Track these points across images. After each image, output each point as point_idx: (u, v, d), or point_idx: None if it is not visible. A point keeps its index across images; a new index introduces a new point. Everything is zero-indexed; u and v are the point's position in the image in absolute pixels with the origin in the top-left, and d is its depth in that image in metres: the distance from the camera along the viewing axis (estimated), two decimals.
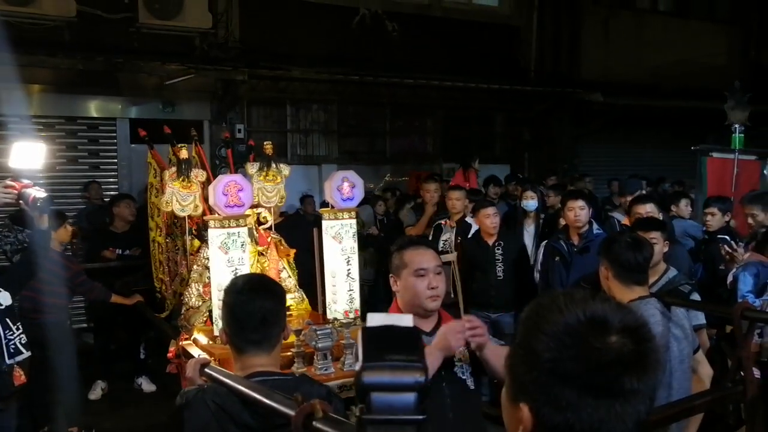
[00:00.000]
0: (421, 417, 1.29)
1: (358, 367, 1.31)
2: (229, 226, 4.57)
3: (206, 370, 2.57)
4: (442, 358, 2.88)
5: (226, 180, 4.64)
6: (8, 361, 4.63)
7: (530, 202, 8.01)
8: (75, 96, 9.75)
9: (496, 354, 2.89)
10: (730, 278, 5.51)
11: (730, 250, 5.71)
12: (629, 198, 7.13)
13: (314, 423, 1.85)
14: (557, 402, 1.22)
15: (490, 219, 6.73)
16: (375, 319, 1.42)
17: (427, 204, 8.15)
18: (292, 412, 1.93)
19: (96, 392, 7.61)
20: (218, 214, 4.62)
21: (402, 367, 1.31)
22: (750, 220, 6.24)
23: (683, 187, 11.67)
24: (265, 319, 2.51)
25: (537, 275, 6.85)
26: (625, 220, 6.91)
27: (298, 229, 6.13)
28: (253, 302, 2.51)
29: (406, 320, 1.42)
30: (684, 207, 8.00)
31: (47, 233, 4.91)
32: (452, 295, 6.89)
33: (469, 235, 7.16)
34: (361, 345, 1.35)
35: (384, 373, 1.30)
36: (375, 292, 8.89)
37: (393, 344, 1.35)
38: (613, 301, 1.31)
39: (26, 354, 4.79)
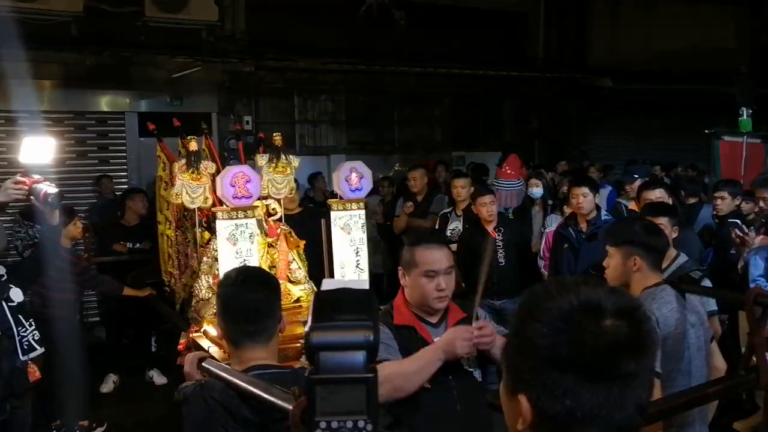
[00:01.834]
0: (370, 375, 1.29)
1: (307, 328, 1.31)
2: (237, 218, 4.57)
3: (203, 364, 2.53)
4: (443, 361, 2.86)
5: (234, 171, 4.63)
6: (22, 358, 4.65)
7: (535, 190, 8.01)
8: (83, 90, 9.77)
9: None
10: (741, 263, 5.49)
11: (741, 234, 5.68)
12: (634, 184, 7.10)
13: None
14: (555, 389, 1.21)
15: (486, 207, 6.69)
16: (329, 284, 1.42)
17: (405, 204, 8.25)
18: (289, 406, 1.91)
19: (108, 385, 7.66)
20: (226, 206, 4.62)
21: (351, 327, 1.31)
22: (762, 204, 6.20)
23: (697, 172, 11.63)
24: (260, 310, 2.50)
25: (540, 262, 6.85)
26: (632, 206, 6.88)
27: (314, 221, 6.11)
28: (246, 293, 2.50)
29: (362, 283, 1.42)
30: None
31: (57, 229, 4.90)
32: (463, 285, 6.90)
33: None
34: (311, 308, 1.35)
35: (332, 332, 1.30)
36: (393, 282, 8.85)
37: (343, 305, 1.35)
38: (606, 286, 1.30)
39: (40, 350, 4.80)
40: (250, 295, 2.50)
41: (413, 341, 2.99)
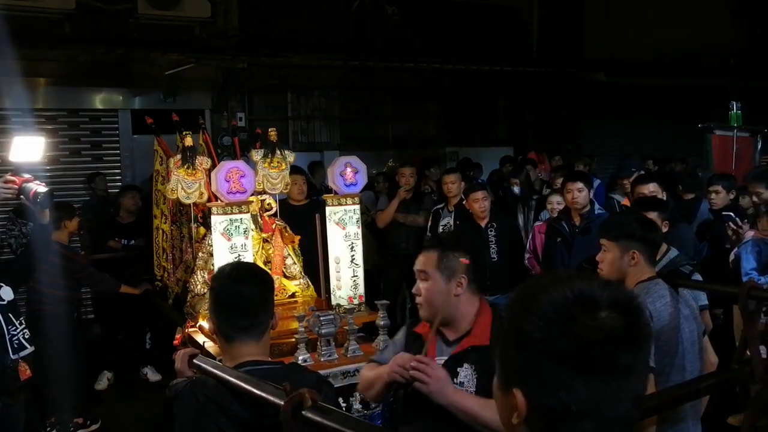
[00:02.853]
0: None
1: None
2: (232, 213, 4.59)
3: (195, 361, 2.53)
4: (383, 388, 2.73)
5: (228, 166, 4.64)
6: (12, 357, 4.66)
7: (515, 188, 8.06)
8: (76, 88, 9.71)
9: (464, 406, 2.59)
10: (732, 257, 5.50)
11: (735, 228, 5.69)
12: (626, 181, 7.11)
13: (303, 412, 1.85)
14: (551, 383, 1.20)
15: (479, 203, 6.74)
16: None
17: (401, 189, 8.13)
18: (281, 402, 1.92)
19: (102, 382, 7.66)
20: (221, 201, 4.63)
21: None
22: (755, 198, 6.23)
23: (686, 165, 11.65)
24: (253, 305, 2.49)
25: (526, 255, 6.88)
26: (624, 201, 6.90)
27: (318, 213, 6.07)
28: (241, 287, 2.49)
29: None
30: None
31: (48, 228, 4.91)
32: None
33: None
34: None
35: None
36: (384, 279, 8.83)
37: None
38: (600, 278, 1.29)
39: (30, 349, 4.82)
40: (244, 290, 2.49)
41: (417, 352, 2.78)
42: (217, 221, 4.59)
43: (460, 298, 2.86)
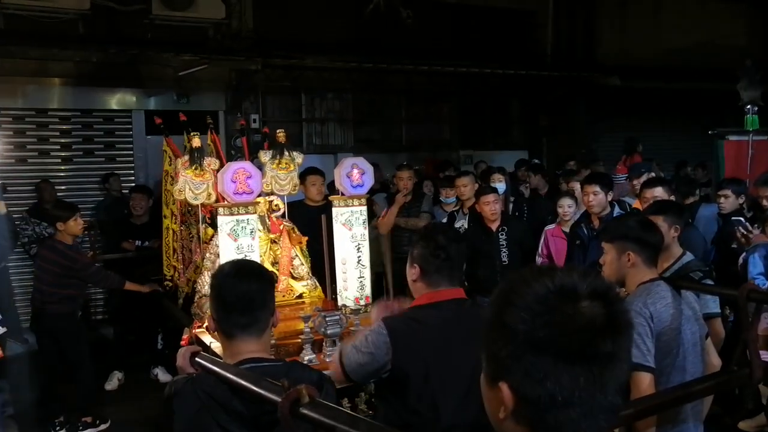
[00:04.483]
0: None
1: None
2: (238, 213, 4.61)
3: (196, 358, 2.56)
4: None
5: (234, 167, 4.66)
6: None
7: (498, 185, 7.94)
8: (90, 89, 9.75)
9: None
10: (740, 261, 5.48)
11: (745, 232, 5.67)
12: (636, 181, 7.08)
13: (301, 409, 1.85)
14: (535, 373, 1.22)
15: (490, 206, 6.72)
16: None
17: (399, 192, 7.98)
18: (278, 399, 1.93)
19: (112, 383, 7.67)
20: (227, 201, 4.65)
21: None
22: (765, 202, 6.20)
23: (706, 170, 11.58)
24: (253, 302, 2.50)
25: (538, 260, 6.86)
26: (635, 204, 6.87)
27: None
28: (240, 285, 2.51)
29: None
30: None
31: (2, 218, 5.32)
32: (465, 283, 6.89)
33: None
34: None
35: None
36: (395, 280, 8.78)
37: None
38: (580, 270, 1.31)
39: (2, 330, 5.18)
40: (244, 287, 2.51)
41: None
42: (224, 222, 4.61)
43: (415, 284, 3.12)
